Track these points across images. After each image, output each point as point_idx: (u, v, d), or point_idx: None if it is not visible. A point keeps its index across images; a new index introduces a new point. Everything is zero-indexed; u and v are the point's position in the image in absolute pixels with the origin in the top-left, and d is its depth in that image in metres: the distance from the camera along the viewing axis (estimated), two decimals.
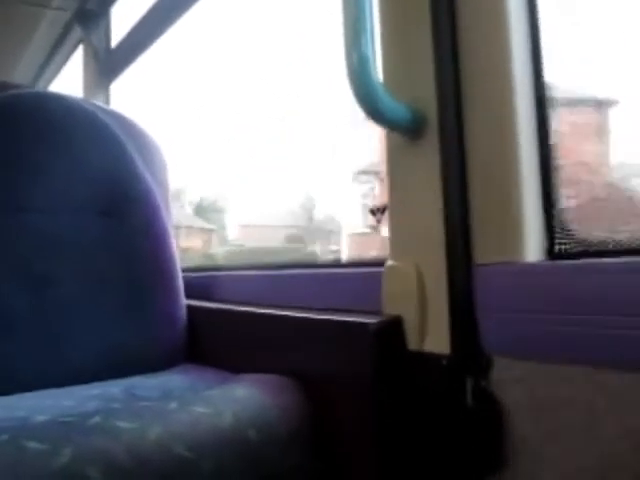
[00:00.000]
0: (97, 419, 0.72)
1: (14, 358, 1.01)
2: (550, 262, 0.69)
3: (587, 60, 0.78)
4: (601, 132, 0.91)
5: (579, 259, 0.65)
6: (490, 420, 0.68)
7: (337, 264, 1.05)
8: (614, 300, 0.57)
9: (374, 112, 0.75)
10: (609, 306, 0.58)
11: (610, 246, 0.66)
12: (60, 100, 1.23)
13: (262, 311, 1.03)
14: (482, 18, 0.72)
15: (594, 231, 0.69)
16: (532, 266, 0.68)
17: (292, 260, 1.17)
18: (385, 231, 0.87)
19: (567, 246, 0.69)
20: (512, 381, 0.67)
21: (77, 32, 2.25)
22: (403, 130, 0.79)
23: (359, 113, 0.74)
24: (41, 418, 0.75)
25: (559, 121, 0.71)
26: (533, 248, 0.69)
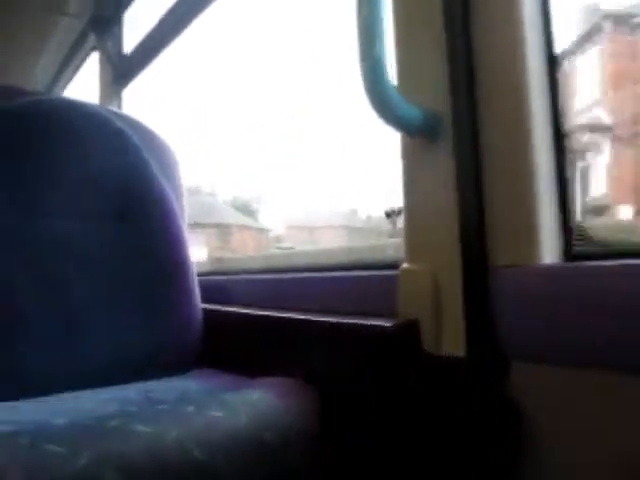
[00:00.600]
0: (115, 422, 0.73)
1: (30, 361, 1.02)
2: (567, 264, 0.68)
3: None
4: None
5: (596, 261, 0.65)
6: (506, 422, 0.68)
7: (352, 267, 1.04)
8: (632, 303, 0.57)
9: (388, 116, 0.75)
10: (626, 309, 0.57)
11: (628, 247, 0.66)
12: (76, 106, 1.24)
13: (277, 314, 1.03)
14: (496, 20, 0.72)
15: None
16: (549, 268, 0.68)
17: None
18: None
19: (584, 248, 0.69)
20: (528, 383, 0.67)
21: (91, 39, 2.27)
22: (417, 133, 0.79)
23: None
24: (60, 421, 0.75)
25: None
26: (550, 250, 0.68)
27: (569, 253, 0.69)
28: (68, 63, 2.60)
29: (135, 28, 2.00)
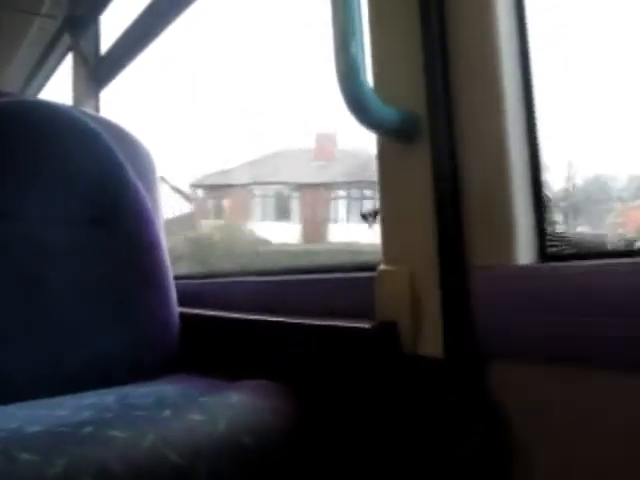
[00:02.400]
0: (90, 429, 0.72)
1: (6, 367, 1.00)
2: (542, 264, 0.69)
3: None
4: None
5: (571, 261, 0.65)
6: (486, 422, 0.68)
7: (329, 269, 1.05)
8: (606, 301, 0.58)
9: (364, 117, 0.75)
10: (601, 307, 0.58)
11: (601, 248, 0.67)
12: (50, 108, 1.22)
13: (255, 317, 1.02)
14: (471, 22, 0.72)
15: None
16: (525, 269, 0.68)
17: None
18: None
19: (559, 248, 0.70)
20: (507, 383, 0.67)
21: (66, 39, 2.24)
22: (394, 135, 0.79)
23: None
24: (34, 429, 0.74)
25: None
26: (526, 251, 0.69)
27: (544, 254, 0.70)
28: (42, 64, 2.56)
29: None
